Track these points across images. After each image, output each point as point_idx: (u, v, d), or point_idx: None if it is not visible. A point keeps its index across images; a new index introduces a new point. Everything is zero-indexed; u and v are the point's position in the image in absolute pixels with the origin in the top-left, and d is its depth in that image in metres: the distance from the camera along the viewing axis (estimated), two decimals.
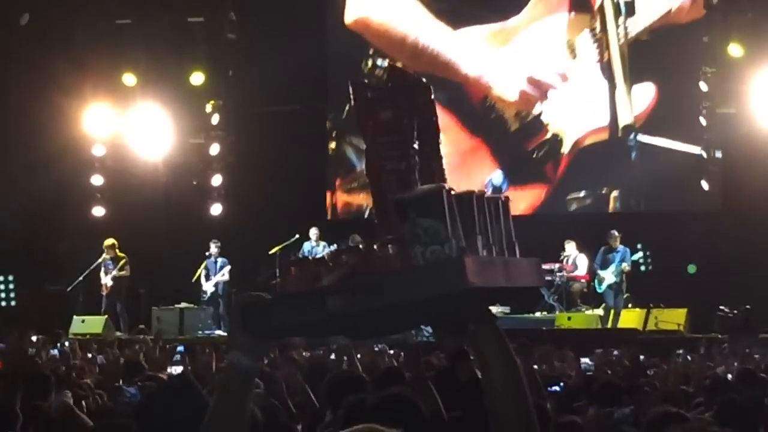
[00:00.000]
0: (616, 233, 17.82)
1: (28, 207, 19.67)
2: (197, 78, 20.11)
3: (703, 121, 18.47)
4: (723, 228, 17.74)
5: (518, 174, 19.61)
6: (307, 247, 18.43)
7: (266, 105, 20.51)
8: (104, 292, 18.61)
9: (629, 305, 17.72)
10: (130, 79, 20.09)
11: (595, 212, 19.41)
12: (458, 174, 17.98)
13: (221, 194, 20.38)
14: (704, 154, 18.52)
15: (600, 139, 19.32)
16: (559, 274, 18.10)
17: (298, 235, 18.44)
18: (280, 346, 10.14)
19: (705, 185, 18.51)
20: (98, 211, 20.25)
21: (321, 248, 18.07)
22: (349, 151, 20.33)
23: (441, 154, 2.69)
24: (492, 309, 2.62)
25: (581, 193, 19.58)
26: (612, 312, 17.56)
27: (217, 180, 20.37)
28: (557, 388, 7.91)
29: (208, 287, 18.83)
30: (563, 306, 17.95)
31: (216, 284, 18.82)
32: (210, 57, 20.20)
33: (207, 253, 18.97)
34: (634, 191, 19.31)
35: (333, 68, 20.37)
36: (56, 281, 19.30)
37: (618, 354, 12.16)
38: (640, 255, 18.14)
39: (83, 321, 17.91)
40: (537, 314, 17.96)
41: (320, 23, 20.50)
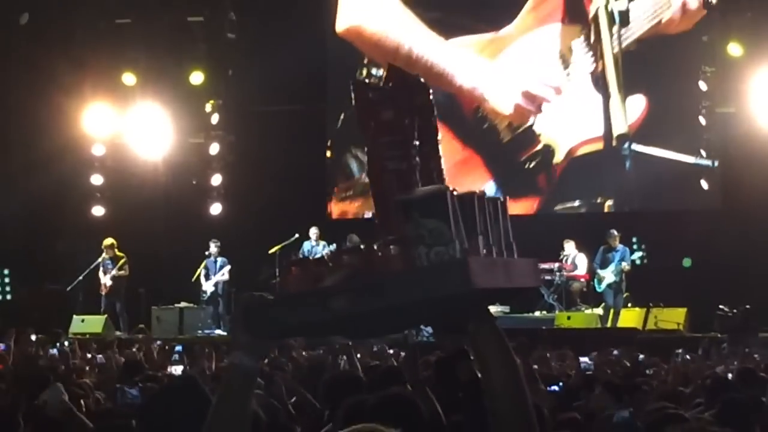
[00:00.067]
0: (616, 232, 17.81)
1: (28, 206, 19.67)
2: (197, 77, 20.10)
3: (703, 121, 18.47)
4: (723, 227, 17.72)
5: (510, 185, 19.34)
6: (307, 247, 18.41)
7: (266, 105, 20.50)
8: (103, 292, 18.61)
9: (629, 304, 17.70)
10: (130, 79, 20.09)
11: (594, 212, 19.43)
12: (450, 185, 17.83)
13: (221, 194, 20.37)
14: (704, 153, 18.52)
15: (594, 149, 19.27)
16: (559, 274, 18.09)
17: (298, 235, 18.42)
18: (280, 347, 10.16)
19: (704, 184, 18.52)
20: (98, 211, 20.25)
21: (321, 248, 18.04)
22: (347, 159, 20.14)
23: (440, 154, 2.69)
24: (492, 309, 2.62)
25: (575, 203, 19.56)
26: (611, 311, 17.56)
27: (217, 179, 20.35)
28: (556, 388, 7.92)
29: (208, 287, 18.82)
30: (563, 305, 17.94)
31: (216, 284, 18.81)
32: (210, 56, 20.20)
33: (207, 253, 18.95)
34: (628, 199, 19.31)
35: (332, 68, 20.36)
36: (56, 281, 19.29)
37: (618, 353, 12.17)
38: (640, 255, 18.12)
39: (83, 320, 17.92)
40: (536, 314, 17.98)
41: (320, 23, 20.48)
